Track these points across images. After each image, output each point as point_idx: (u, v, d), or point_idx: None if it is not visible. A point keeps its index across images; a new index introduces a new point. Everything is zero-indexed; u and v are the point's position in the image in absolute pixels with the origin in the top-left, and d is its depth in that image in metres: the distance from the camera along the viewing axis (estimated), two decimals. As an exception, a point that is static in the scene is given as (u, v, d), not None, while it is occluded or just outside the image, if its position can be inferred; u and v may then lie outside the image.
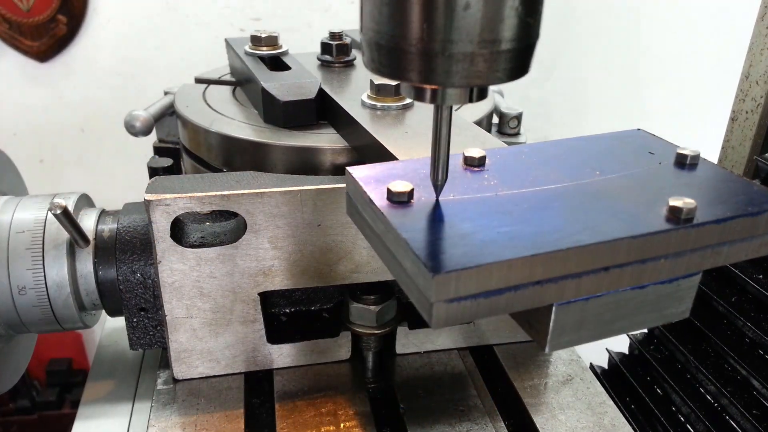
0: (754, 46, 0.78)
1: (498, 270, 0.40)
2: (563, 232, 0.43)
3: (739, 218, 0.45)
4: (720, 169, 0.52)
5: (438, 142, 0.46)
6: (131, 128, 0.84)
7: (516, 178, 0.51)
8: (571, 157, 0.54)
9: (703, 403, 0.70)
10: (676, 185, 0.49)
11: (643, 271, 0.45)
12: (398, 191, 0.47)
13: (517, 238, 0.42)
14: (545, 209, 0.46)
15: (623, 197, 0.47)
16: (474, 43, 0.38)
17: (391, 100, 0.72)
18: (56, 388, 1.73)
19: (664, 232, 0.43)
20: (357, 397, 0.67)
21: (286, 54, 0.90)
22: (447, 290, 0.40)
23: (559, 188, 0.49)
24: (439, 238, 0.43)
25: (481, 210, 0.46)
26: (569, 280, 0.43)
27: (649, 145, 0.56)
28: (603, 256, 0.43)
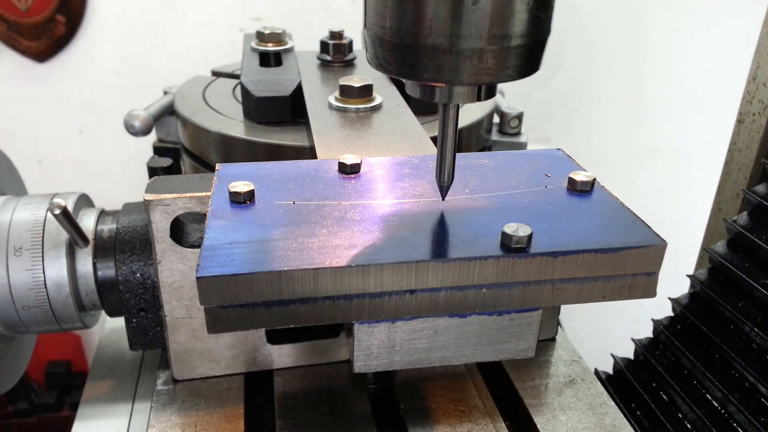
0: (761, 48, 0.78)
1: (276, 280, 0.39)
2: (372, 248, 0.41)
3: (584, 253, 0.41)
4: (612, 198, 0.48)
5: (444, 142, 0.45)
6: (131, 128, 0.84)
7: (376, 188, 0.49)
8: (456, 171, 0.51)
9: (709, 410, 0.69)
10: (542, 212, 0.46)
11: (462, 299, 0.42)
12: (236, 191, 0.46)
13: (316, 250, 0.40)
14: (374, 223, 0.44)
15: (470, 219, 0.45)
16: (483, 39, 0.37)
17: (357, 102, 0.71)
18: (55, 390, 1.73)
19: (482, 258, 0.40)
20: (357, 397, 0.66)
21: (289, 51, 0.90)
22: (215, 295, 0.38)
23: (412, 203, 0.47)
24: (236, 241, 0.41)
25: (304, 218, 0.45)
26: (366, 300, 0.41)
27: (555, 166, 0.53)
28: (407, 277, 0.40)
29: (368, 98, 0.72)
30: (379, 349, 0.44)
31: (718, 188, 0.87)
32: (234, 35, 1.46)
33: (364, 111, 0.71)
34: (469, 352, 0.45)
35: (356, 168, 0.52)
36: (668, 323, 0.79)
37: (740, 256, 0.73)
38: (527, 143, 0.93)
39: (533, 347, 0.46)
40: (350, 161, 0.52)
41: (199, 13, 1.47)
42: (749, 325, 0.68)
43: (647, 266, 0.43)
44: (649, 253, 0.42)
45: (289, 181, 0.50)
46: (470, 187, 0.50)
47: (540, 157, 0.55)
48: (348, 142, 0.63)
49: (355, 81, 0.73)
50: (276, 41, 0.90)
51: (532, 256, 0.41)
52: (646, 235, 0.44)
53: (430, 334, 0.44)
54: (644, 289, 0.44)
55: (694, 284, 0.78)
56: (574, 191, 0.49)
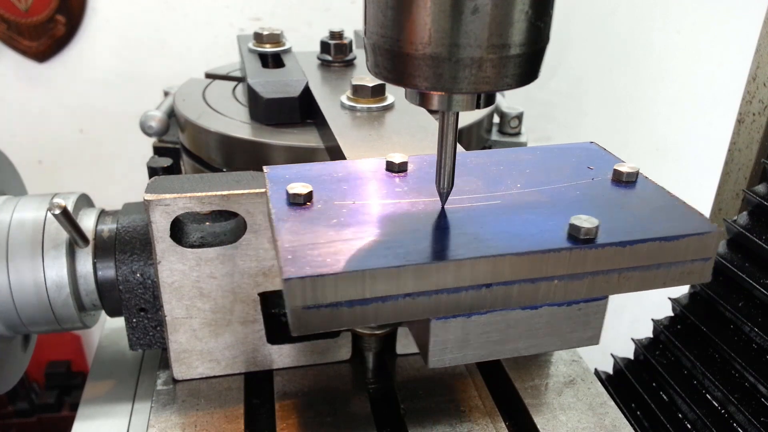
0: (761, 48, 0.78)
1: (360, 279, 0.39)
2: (444, 244, 0.41)
3: (649, 242, 0.42)
4: (658, 188, 0.49)
5: (443, 149, 0.45)
6: (148, 129, 0.84)
7: (429, 186, 0.49)
8: (502, 168, 0.52)
9: (709, 410, 0.69)
10: (596, 203, 0.47)
11: (535, 291, 0.43)
12: (295, 193, 0.46)
13: (392, 248, 0.41)
14: (439, 220, 0.44)
15: (531, 213, 0.45)
16: (482, 48, 0.37)
17: (370, 102, 0.71)
18: (55, 390, 1.73)
19: (555, 251, 0.41)
20: (357, 397, 0.66)
21: (288, 52, 0.89)
22: (302, 296, 0.38)
23: (468, 199, 0.47)
24: (312, 243, 0.41)
25: (371, 217, 0.45)
26: (444, 295, 0.41)
27: (593, 159, 0.54)
28: (483, 272, 0.41)
29: (381, 98, 0.72)
30: (454, 343, 0.44)
31: (718, 188, 0.87)
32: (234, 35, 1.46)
33: (376, 110, 0.71)
34: (539, 342, 0.46)
35: (404, 166, 0.52)
36: (668, 323, 0.79)
37: (740, 256, 0.73)
38: (527, 143, 0.93)
39: (599, 335, 0.47)
40: (398, 160, 0.52)
41: (199, 13, 1.47)
42: (749, 325, 0.68)
43: (705, 252, 0.44)
44: (707, 239, 0.44)
45: (341, 182, 0.50)
46: (520, 182, 0.50)
47: (577, 150, 0.56)
48: (371, 141, 0.63)
49: (368, 81, 0.72)
50: (274, 42, 0.90)
51: (602, 246, 0.42)
52: (702, 222, 0.45)
53: (503, 327, 0.44)
54: (701, 274, 0.45)
55: (694, 284, 0.78)
56: (620, 183, 0.50)
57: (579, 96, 1.54)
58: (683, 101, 1.48)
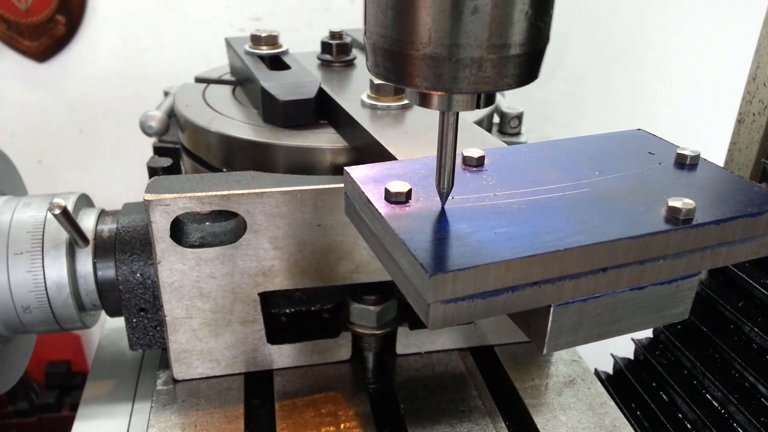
0: (761, 48, 0.78)
1: (495, 271, 0.40)
2: (561, 232, 0.43)
3: (739, 219, 0.45)
4: (720, 169, 0.52)
5: (443, 149, 0.45)
6: (149, 129, 0.84)
7: (514, 178, 0.50)
8: (570, 157, 0.54)
9: (709, 410, 0.69)
10: (676, 186, 0.49)
11: (642, 272, 0.44)
12: (396, 191, 0.46)
13: (514, 239, 0.42)
14: (543, 210, 0.46)
15: (622, 198, 0.47)
16: (482, 48, 0.37)
17: (391, 100, 0.72)
18: (55, 390, 1.73)
19: (663, 232, 0.43)
20: (357, 397, 0.66)
21: (286, 53, 0.89)
22: (444, 291, 0.39)
23: (558, 188, 0.49)
24: (437, 238, 0.42)
25: (478, 211, 0.46)
26: (567, 281, 0.42)
27: (649, 145, 0.56)
28: (601, 256, 0.42)
29: (401, 96, 0.72)
30: (569, 327, 0.46)
31: (719, 188, 0.87)
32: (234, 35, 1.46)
33: (395, 109, 0.71)
34: (640, 321, 0.48)
35: (482, 161, 0.52)
36: (668, 323, 0.79)
37: (740, 256, 0.73)
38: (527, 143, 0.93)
39: (689, 309, 0.50)
40: (476, 155, 0.52)
41: (199, 13, 1.47)
42: (749, 325, 0.68)
43: None
44: None
45: (426, 178, 0.50)
46: (596, 169, 0.52)
47: (630, 137, 0.58)
48: (409, 138, 0.63)
49: None
50: (272, 44, 0.90)
51: (701, 225, 0.44)
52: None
53: (613, 308, 0.46)
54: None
55: (694, 284, 0.78)
56: (684, 165, 0.52)
57: (579, 96, 1.54)
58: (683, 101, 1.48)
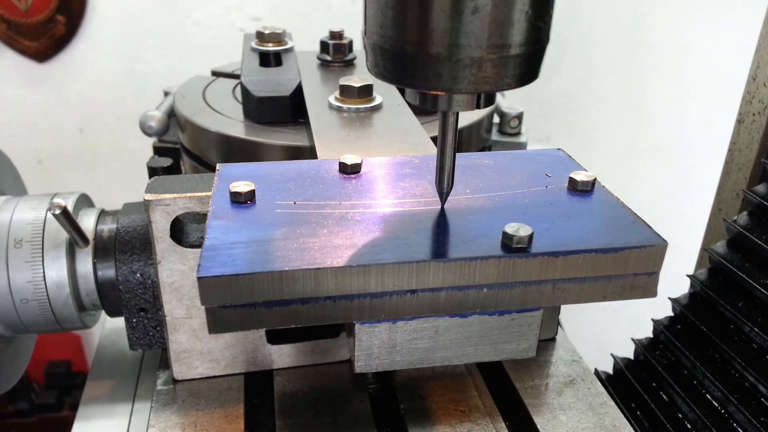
0: (761, 48, 0.78)
1: (277, 280, 0.39)
2: (373, 248, 0.41)
3: (587, 253, 0.41)
4: (611, 198, 0.48)
5: (443, 149, 0.45)
6: (148, 129, 0.84)
7: (377, 189, 0.49)
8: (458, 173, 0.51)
9: (709, 410, 0.69)
10: (545, 211, 0.46)
11: (463, 299, 0.42)
12: (235, 191, 0.46)
13: (317, 250, 0.40)
14: (375, 224, 0.44)
15: (471, 219, 0.45)
16: (482, 48, 0.37)
17: (358, 102, 0.71)
18: (55, 390, 1.73)
19: (483, 259, 0.40)
20: (357, 397, 0.66)
21: (289, 51, 0.89)
22: (216, 295, 0.38)
23: (411, 203, 0.47)
24: (237, 241, 0.41)
25: (305, 218, 0.45)
26: (368, 300, 0.41)
27: (556, 166, 0.53)
28: (408, 277, 0.40)
29: (368, 98, 0.72)
30: (380, 349, 0.44)
31: (718, 188, 0.87)
32: (234, 35, 1.46)
33: (364, 111, 0.71)
34: (471, 352, 0.45)
35: (357, 168, 0.52)
36: (668, 323, 0.79)
37: (740, 256, 0.73)
38: (527, 143, 0.93)
39: (534, 347, 0.46)
40: (351, 161, 0.52)
41: (199, 13, 1.47)
42: (749, 325, 0.68)
43: (648, 266, 0.43)
44: (650, 253, 0.42)
45: (290, 181, 0.50)
46: (471, 187, 0.50)
47: (540, 157, 0.55)
48: (348, 142, 0.63)
49: (356, 81, 0.72)
50: (276, 41, 0.90)
51: (533, 256, 0.41)
52: (647, 234, 0.44)
53: (431, 334, 0.44)
54: (645, 289, 0.44)
55: (694, 284, 0.78)
56: (575, 191, 0.49)
57: (579, 96, 1.54)
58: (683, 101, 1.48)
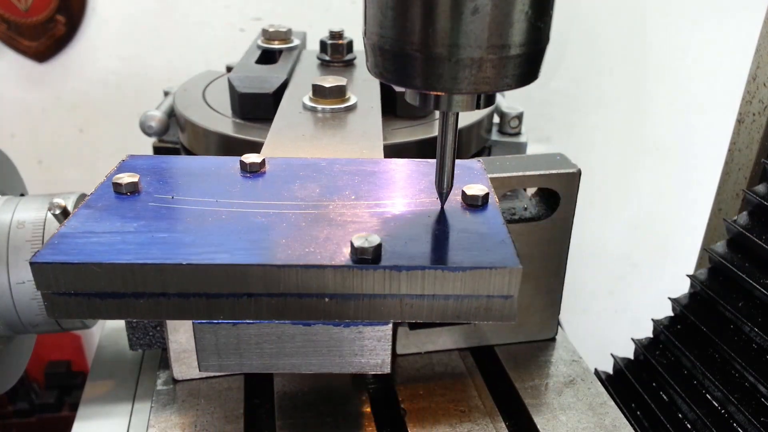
0: (761, 48, 0.78)
1: (102, 271, 0.39)
2: (216, 247, 0.41)
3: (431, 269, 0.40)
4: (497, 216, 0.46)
5: (443, 149, 0.45)
6: (148, 129, 0.84)
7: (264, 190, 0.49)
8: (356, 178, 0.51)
9: (709, 410, 0.69)
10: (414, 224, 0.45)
11: (303, 307, 0.41)
12: (117, 182, 0.46)
13: (160, 245, 0.40)
14: (234, 224, 0.44)
15: (335, 226, 0.44)
16: (482, 48, 0.37)
17: (330, 102, 0.71)
18: (55, 390, 1.73)
19: (320, 267, 0.39)
20: (357, 397, 0.66)
21: (293, 49, 0.90)
22: (47, 282, 0.39)
23: (288, 206, 0.46)
24: (89, 231, 0.42)
25: (171, 213, 0.45)
26: (203, 299, 0.40)
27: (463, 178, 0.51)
28: (243, 280, 0.40)
29: (341, 99, 0.72)
30: (224, 349, 0.43)
31: (718, 188, 0.87)
32: (234, 35, 1.46)
33: (336, 111, 0.71)
34: (318, 361, 0.44)
35: (255, 167, 0.51)
36: (668, 323, 0.79)
37: (740, 256, 0.73)
38: (527, 143, 0.93)
39: (388, 363, 0.45)
40: (249, 160, 0.51)
41: (199, 13, 1.47)
42: (749, 325, 0.68)
43: (502, 289, 0.41)
44: (503, 274, 0.40)
45: (184, 176, 0.50)
46: (358, 193, 0.49)
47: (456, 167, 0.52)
48: (297, 142, 0.63)
49: (329, 81, 0.72)
50: (280, 39, 0.90)
51: (374, 268, 0.40)
52: (504, 256, 0.41)
53: (275, 339, 0.43)
54: (502, 312, 0.42)
55: (694, 284, 0.78)
56: (465, 205, 0.48)
57: (579, 96, 1.54)
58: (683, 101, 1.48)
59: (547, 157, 0.67)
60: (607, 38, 1.49)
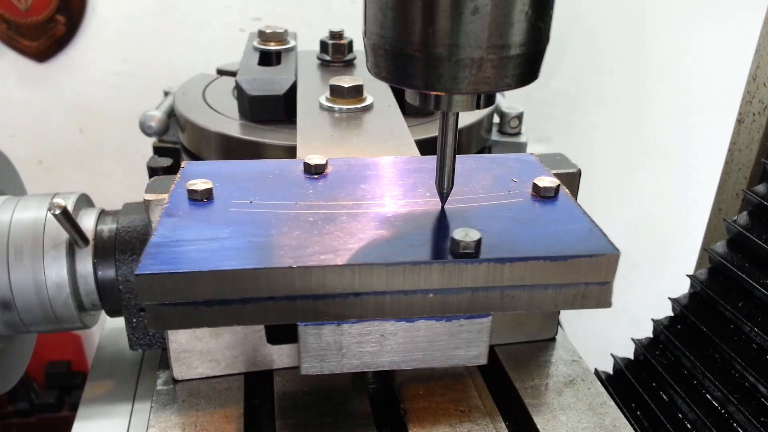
0: (761, 48, 0.78)
1: (215, 279, 0.39)
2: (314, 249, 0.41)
3: (535, 261, 0.41)
4: (573, 205, 0.47)
5: (444, 149, 0.45)
6: (148, 129, 0.84)
7: (337, 191, 0.49)
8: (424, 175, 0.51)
9: (709, 410, 0.69)
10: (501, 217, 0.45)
11: (408, 304, 0.42)
12: (191, 189, 0.46)
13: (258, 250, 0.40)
14: (324, 225, 0.44)
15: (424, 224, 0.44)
16: (482, 49, 0.37)
17: (348, 102, 0.71)
18: (55, 390, 1.73)
19: (427, 264, 0.40)
20: (357, 397, 0.66)
21: (291, 50, 0.90)
22: (154, 293, 0.38)
23: (368, 206, 0.47)
24: (183, 239, 0.41)
25: (257, 218, 0.44)
26: (311, 301, 0.40)
27: (524, 171, 0.52)
28: (351, 280, 0.40)
29: (358, 99, 0.72)
30: (327, 351, 0.44)
31: (718, 188, 0.87)
32: (234, 35, 1.46)
33: (354, 111, 0.71)
34: (419, 357, 0.45)
35: (320, 168, 0.52)
36: (668, 323, 0.79)
37: (740, 256, 0.73)
38: (527, 143, 0.93)
39: (485, 354, 0.45)
40: (314, 161, 0.51)
41: (199, 13, 1.47)
42: (749, 325, 0.68)
43: (600, 275, 0.42)
44: (601, 262, 0.41)
45: (251, 180, 0.50)
46: (432, 191, 0.49)
47: (511, 161, 0.54)
48: (330, 142, 0.63)
49: (346, 81, 0.72)
50: (277, 40, 0.90)
51: (479, 262, 0.40)
52: (600, 243, 0.43)
53: (378, 337, 0.43)
54: (598, 299, 0.43)
55: (694, 284, 0.78)
56: (538, 197, 0.49)
57: (579, 96, 1.54)
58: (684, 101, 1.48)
59: (547, 157, 0.67)
60: (607, 38, 1.49)
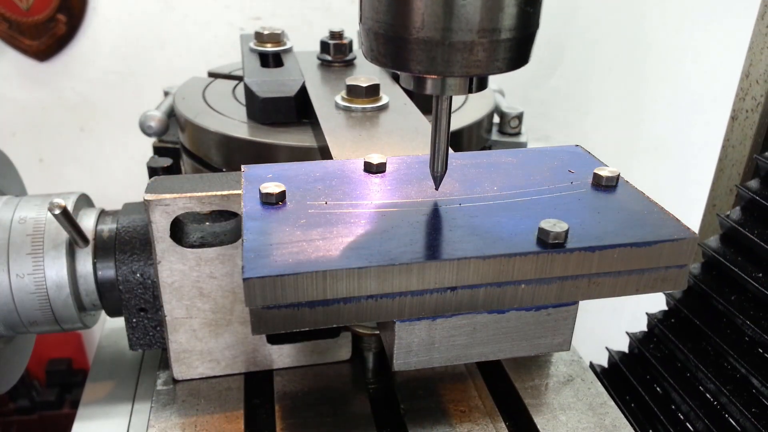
0: (754, 45, 0.78)
1: (320, 280, 0.39)
2: (410, 246, 0.41)
3: (621, 247, 0.42)
4: (638, 193, 0.49)
5: (437, 133, 0.45)
6: (148, 129, 0.84)
7: (405, 188, 0.49)
8: (481, 170, 0.52)
9: (702, 402, 0.70)
10: (571, 207, 0.46)
11: (501, 295, 0.42)
12: (267, 192, 0.46)
13: (356, 249, 0.41)
14: (410, 222, 0.44)
15: (504, 216, 0.45)
16: (474, 32, 0.38)
17: (364, 102, 0.71)
18: (56, 388, 1.73)
19: (521, 255, 0.41)
20: (357, 397, 0.66)
21: (288, 51, 0.89)
22: (261, 296, 0.38)
23: (442, 201, 0.47)
24: (277, 242, 0.41)
25: (339, 218, 0.45)
26: (409, 297, 0.41)
27: (576, 162, 0.54)
28: (448, 275, 0.41)
29: (375, 98, 0.72)
30: (419, 346, 0.44)
31: (713, 184, 0.87)
32: (234, 35, 1.46)
33: (370, 111, 0.71)
34: (507, 347, 0.46)
35: (382, 167, 0.52)
36: (662, 317, 0.79)
37: (733, 250, 0.73)
38: (527, 143, 0.93)
39: (569, 341, 0.47)
40: (376, 160, 0.52)
41: (199, 13, 1.47)
42: (741, 318, 0.68)
43: (679, 259, 0.43)
44: (682, 246, 0.43)
45: (317, 182, 0.50)
46: (498, 184, 0.50)
47: (561, 153, 0.55)
48: (361, 141, 0.63)
49: (362, 81, 0.72)
50: (275, 42, 0.90)
51: (570, 251, 0.41)
52: (677, 228, 0.44)
53: (469, 330, 0.44)
54: (676, 281, 0.44)
55: (688, 278, 0.78)
56: (600, 187, 0.49)
57: (578, 95, 1.54)
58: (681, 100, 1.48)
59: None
60: (606, 38, 1.49)
